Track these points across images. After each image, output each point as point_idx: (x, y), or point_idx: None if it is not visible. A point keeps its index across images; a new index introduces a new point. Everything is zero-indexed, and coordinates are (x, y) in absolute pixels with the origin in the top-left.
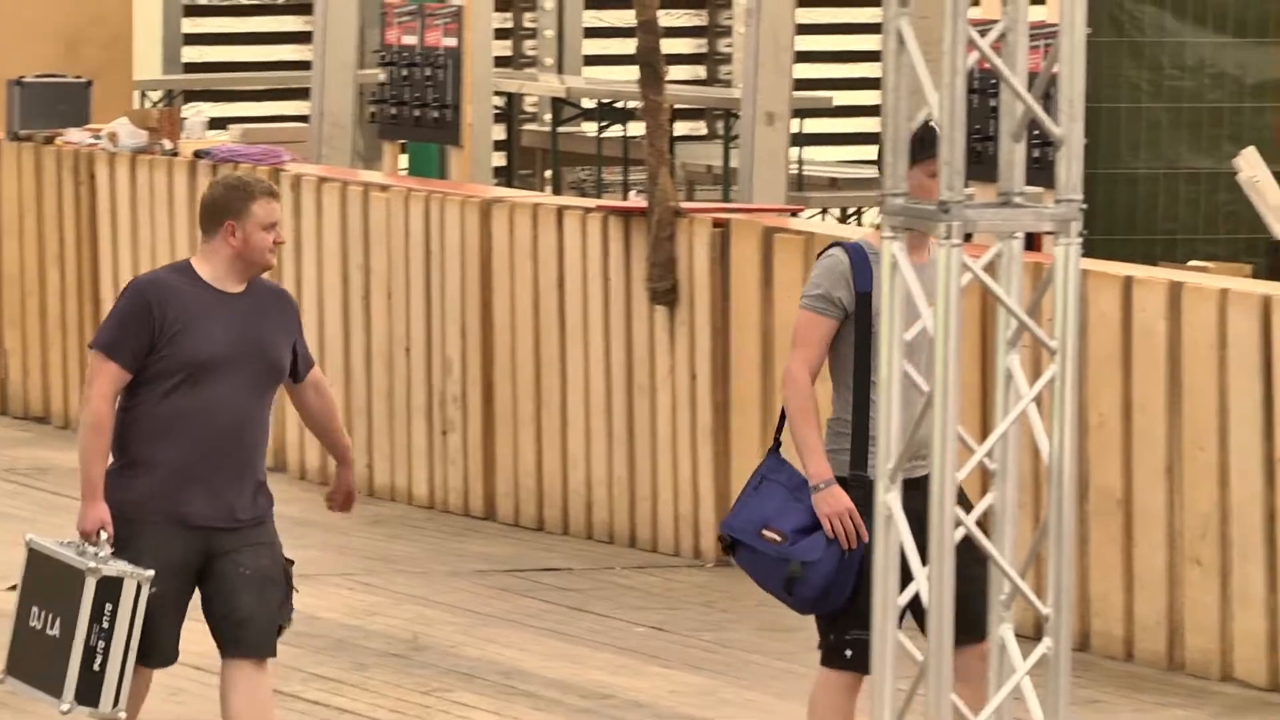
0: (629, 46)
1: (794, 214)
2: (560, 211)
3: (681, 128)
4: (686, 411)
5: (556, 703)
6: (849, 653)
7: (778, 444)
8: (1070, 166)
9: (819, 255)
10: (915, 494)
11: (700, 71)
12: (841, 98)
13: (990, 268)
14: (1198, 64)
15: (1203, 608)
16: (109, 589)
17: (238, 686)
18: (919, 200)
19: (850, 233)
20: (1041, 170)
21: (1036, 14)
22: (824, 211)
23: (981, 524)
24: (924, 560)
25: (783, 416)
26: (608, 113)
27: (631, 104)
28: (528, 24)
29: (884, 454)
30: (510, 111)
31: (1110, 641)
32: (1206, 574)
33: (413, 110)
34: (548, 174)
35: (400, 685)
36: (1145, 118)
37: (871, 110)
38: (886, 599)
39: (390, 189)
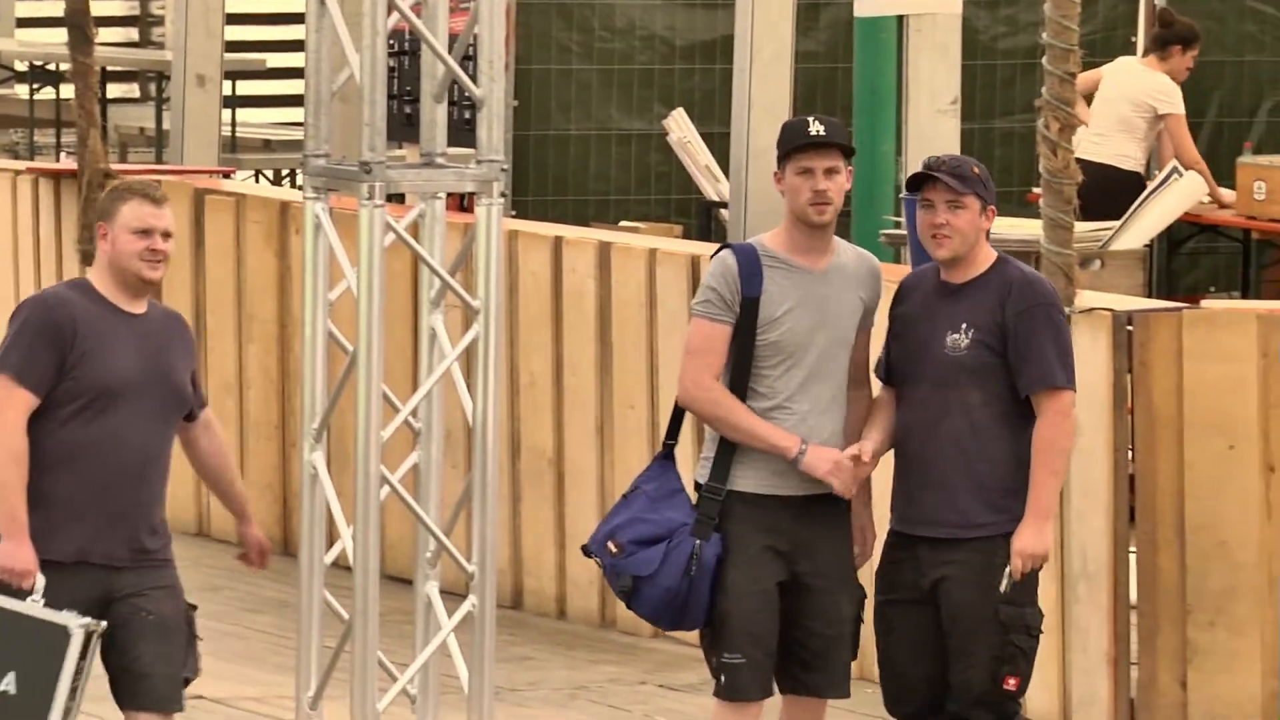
0: (60, 9)
1: (226, 176)
2: None
3: (115, 90)
4: None
5: None
6: (722, 678)
7: (666, 449)
8: (492, 127)
9: (711, 256)
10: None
11: (133, 34)
12: (274, 60)
13: (416, 228)
14: (628, 26)
15: None
16: (89, 644)
17: None
18: (338, 164)
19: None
20: (472, 132)
21: None
22: (258, 174)
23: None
24: None
25: (674, 421)
26: (39, 75)
27: (63, 66)
28: None
29: (308, 413)
30: None
31: (543, 599)
32: None
33: None
34: None
35: None
36: (576, 79)
37: (303, 73)
38: (313, 557)
39: None
